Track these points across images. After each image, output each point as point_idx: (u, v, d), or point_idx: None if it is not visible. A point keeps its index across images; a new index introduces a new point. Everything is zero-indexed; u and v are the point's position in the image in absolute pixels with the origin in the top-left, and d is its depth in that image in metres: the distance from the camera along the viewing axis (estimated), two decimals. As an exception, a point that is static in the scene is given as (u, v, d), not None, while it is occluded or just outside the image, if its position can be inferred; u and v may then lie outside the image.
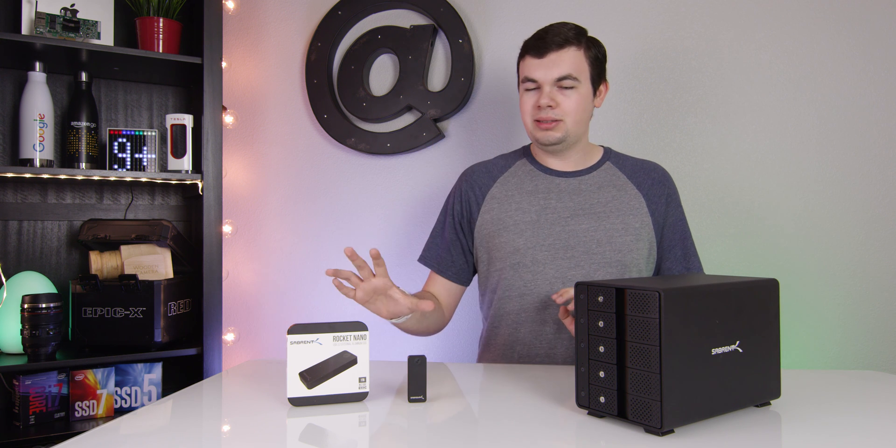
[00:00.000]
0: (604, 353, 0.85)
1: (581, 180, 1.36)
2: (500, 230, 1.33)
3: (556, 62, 1.26)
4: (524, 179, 1.37)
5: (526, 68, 1.30)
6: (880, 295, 1.68)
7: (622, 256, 1.29)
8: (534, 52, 1.28)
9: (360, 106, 1.90)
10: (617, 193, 1.34)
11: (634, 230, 1.31)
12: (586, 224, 1.30)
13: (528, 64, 1.29)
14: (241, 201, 1.98)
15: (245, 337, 1.97)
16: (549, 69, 1.26)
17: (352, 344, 0.98)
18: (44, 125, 1.62)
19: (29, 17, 1.62)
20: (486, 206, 1.37)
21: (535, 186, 1.36)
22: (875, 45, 1.69)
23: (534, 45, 1.28)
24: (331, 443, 0.82)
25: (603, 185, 1.35)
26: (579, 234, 1.30)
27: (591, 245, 1.29)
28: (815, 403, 0.95)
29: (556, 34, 1.27)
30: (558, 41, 1.26)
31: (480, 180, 1.41)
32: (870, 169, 1.69)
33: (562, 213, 1.32)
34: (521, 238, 1.31)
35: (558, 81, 1.26)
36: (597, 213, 1.31)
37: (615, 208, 1.32)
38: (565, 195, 1.34)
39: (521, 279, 1.30)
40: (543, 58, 1.27)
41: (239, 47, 1.98)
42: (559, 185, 1.35)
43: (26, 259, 1.75)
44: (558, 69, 1.26)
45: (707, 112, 1.76)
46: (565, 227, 1.30)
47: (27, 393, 1.55)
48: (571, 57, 1.27)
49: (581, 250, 1.29)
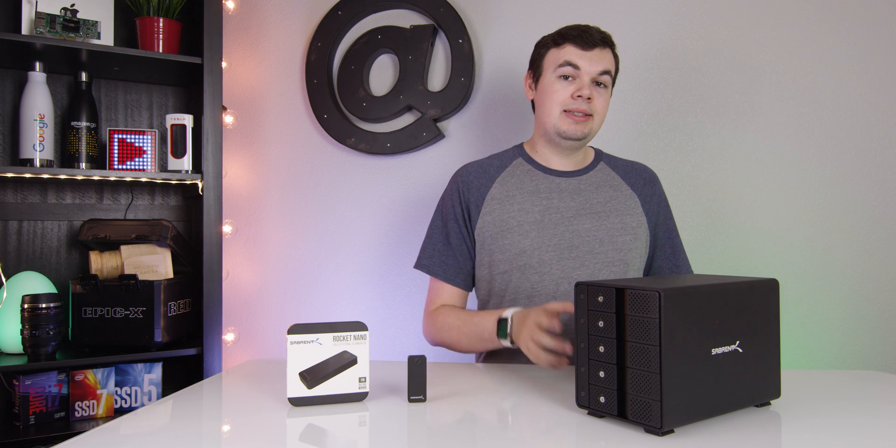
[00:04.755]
0: (604, 353, 0.85)
1: (580, 180, 1.36)
2: (504, 232, 1.31)
3: (600, 57, 1.28)
4: (524, 179, 1.36)
5: (567, 55, 1.28)
6: (880, 295, 1.68)
7: (623, 255, 1.29)
8: (579, 42, 1.28)
9: (360, 106, 1.90)
10: (614, 193, 1.35)
11: (632, 229, 1.32)
12: (588, 224, 1.30)
13: (571, 52, 1.28)
14: (241, 201, 1.98)
15: (245, 337, 1.97)
16: (593, 62, 1.28)
17: (352, 344, 0.98)
18: (44, 125, 1.62)
19: (29, 17, 1.62)
20: (487, 207, 1.34)
21: (535, 186, 1.35)
22: (875, 45, 1.69)
23: (579, 35, 1.28)
24: (331, 443, 0.82)
25: (600, 185, 1.36)
26: (582, 233, 1.29)
27: (594, 245, 1.29)
28: (815, 403, 0.95)
29: (597, 32, 1.29)
30: (602, 38, 1.29)
31: (477, 181, 1.36)
32: (870, 169, 1.69)
33: (565, 212, 1.31)
34: (526, 239, 1.29)
35: (599, 75, 1.28)
36: (597, 213, 1.32)
37: (614, 208, 1.33)
38: (566, 195, 1.33)
39: (528, 281, 1.29)
40: (590, 50, 1.28)
41: (239, 47, 1.98)
42: (560, 185, 1.35)
43: (26, 259, 1.75)
44: (602, 64, 1.28)
45: (707, 112, 1.76)
46: (569, 227, 1.30)
47: (27, 393, 1.55)
48: (610, 57, 1.31)
49: (585, 250, 1.29)
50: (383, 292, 1.92)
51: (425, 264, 1.38)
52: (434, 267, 1.36)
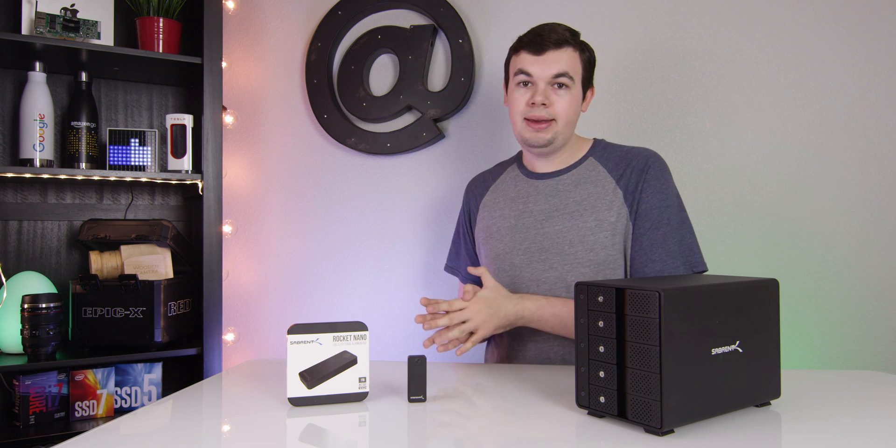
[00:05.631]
0: (604, 353, 0.85)
1: (559, 180, 1.33)
2: (487, 238, 1.38)
3: (554, 60, 1.24)
4: (510, 186, 1.39)
5: (521, 63, 1.27)
6: (880, 295, 1.68)
7: (594, 255, 1.24)
8: (531, 48, 1.25)
9: (360, 106, 1.90)
10: (593, 189, 1.29)
11: (609, 225, 1.25)
12: (560, 225, 1.28)
13: (524, 59, 1.26)
14: (241, 201, 1.98)
15: (245, 337, 1.97)
16: (546, 66, 1.24)
17: (352, 344, 0.98)
18: (44, 125, 1.62)
19: (29, 17, 1.62)
20: (480, 215, 1.43)
21: (517, 192, 1.37)
22: (875, 44, 1.69)
23: (531, 41, 1.26)
24: (331, 443, 0.82)
25: (580, 181, 1.31)
26: (552, 236, 1.29)
27: (563, 246, 1.27)
28: (815, 403, 0.95)
29: (553, 32, 1.25)
30: (556, 40, 1.24)
31: (477, 190, 1.46)
32: (870, 169, 1.69)
33: (538, 215, 1.31)
34: (501, 244, 1.34)
35: (554, 79, 1.24)
36: (570, 213, 1.28)
37: (590, 205, 1.27)
38: (541, 197, 1.33)
39: (504, 284, 1.30)
40: (541, 55, 1.24)
41: (239, 47, 1.98)
42: (537, 188, 1.34)
43: (26, 259, 1.75)
44: (556, 66, 1.24)
45: (707, 112, 1.76)
46: (540, 230, 1.30)
47: (27, 393, 1.55)
48: (568, 56, 1.25)
49: (554, 252, 1.27)
50: (383, 292, 1.92)
51: (449, 267, 1.53)
52: (455, 270, 1.52)
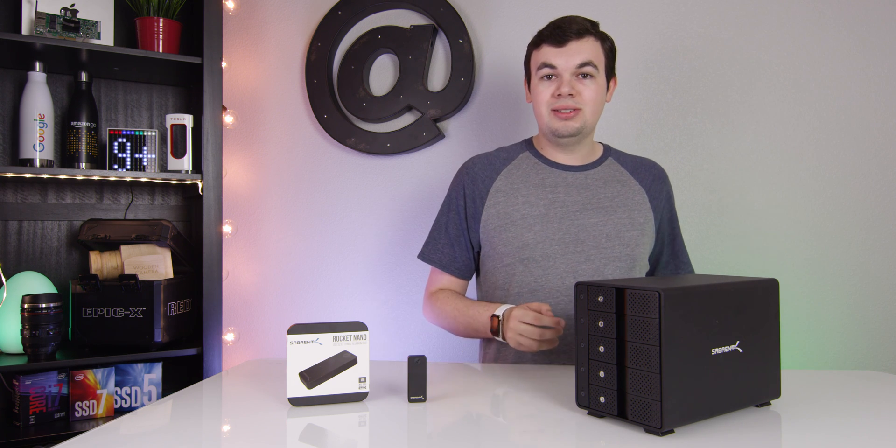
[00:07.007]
0: (604, 353, 0.85)
1: (587, 175, 1.35)
2: (507, 224, 1.31)
3: (576, 50, 1.26)
4: (530, 172, 1.36)
5: (543, 56, 1.28)
6: (880, 295, 1.68)
7: (630, 251, 1.29)
8: (552, 40, 1.27)
9: (360, 106, 1.90)
10: (622, 189, 1.34)
11: (640, 225, 1.32)
12: (595, 218, 1.30)
13: (546, 52, 1.28)
14: (241, 201, 1.98)
15: (245, 337, 1.97)
16: (569, 57, 1.26)
17: (352, 344, 0.98)
18: (44, 125, 1.62)
19: (29, 17, 1.62)
20: (491, 199, 1.34)
21: (541, 180, 1.34)
22: (875, 45, 1.69)
23: (552, 33, 1.27)
24: (331, 443, 0.82)
25: (608, 180, 1.35)
26: (588, 228, 1.29)
27: (600, 239, 1.29)
28: (815, 403, 0.95)
29: (573, 23, 1.27)
30: (577, 30, 1.26)
31: (483, 173, 1.37)
32: (870, 169, 1.69)
33: (571, 207, 1.31)
34: (529, 232, 1.29)
35: (579, 69, 1.26)
36: (604, 208, 1.31)
37: (621, 203, 1.32)
38: (573, 189, 1.33)
39: (531, 275, 1.29)
40: (564, 46, 1.26)
41: (239, 47, 1.98)
42: (566, 179, 1.34)
43: (26, 259, 1.75)
44: (579, 56, 1.26)
45: (707, 112, 1.76)
46: (574, 221, 1.29)
47: (27, 393, 1.55)
48: (591, 46, 1.27)
49: (591, 244, 1.28)
50: (383, 292, 1.92)
51: (424, 253, 1.42)
52: (431, 255, 1.41)
